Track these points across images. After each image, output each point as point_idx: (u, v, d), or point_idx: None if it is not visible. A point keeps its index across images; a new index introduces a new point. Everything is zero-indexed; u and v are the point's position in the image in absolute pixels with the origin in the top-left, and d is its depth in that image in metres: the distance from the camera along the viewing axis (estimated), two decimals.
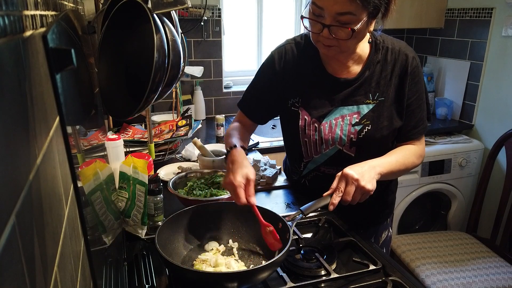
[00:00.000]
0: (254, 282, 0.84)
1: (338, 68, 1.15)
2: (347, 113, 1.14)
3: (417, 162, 1.16)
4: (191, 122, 1.74)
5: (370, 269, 0.93)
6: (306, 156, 1.22)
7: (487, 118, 2.43)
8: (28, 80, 0.40)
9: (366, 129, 1.12)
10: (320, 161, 1.20)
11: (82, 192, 0.57)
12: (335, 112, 1.15)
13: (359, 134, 1.12)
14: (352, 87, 1.13)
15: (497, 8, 2.30)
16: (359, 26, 0.97)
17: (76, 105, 0.61)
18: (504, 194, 2.04)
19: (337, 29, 0.99)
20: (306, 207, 1.00)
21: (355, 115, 1.13)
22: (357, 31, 0.98)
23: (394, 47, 1.13)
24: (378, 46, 1.13)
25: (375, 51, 1.13)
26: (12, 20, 0.36)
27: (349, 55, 1.12)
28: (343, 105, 1.14)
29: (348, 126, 1.13)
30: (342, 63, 1.14)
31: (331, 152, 1.17)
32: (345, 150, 1.15)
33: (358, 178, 0.97)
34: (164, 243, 0.92)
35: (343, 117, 1.14)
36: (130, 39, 0.93)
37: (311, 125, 1.16)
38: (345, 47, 1.04)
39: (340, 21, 0.97)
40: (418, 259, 1.91)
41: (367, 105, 1.13)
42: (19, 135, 0.35)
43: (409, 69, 1.11)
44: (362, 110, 1.13)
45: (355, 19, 0.97)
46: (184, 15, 2.28)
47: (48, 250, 0.41)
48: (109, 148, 1.11)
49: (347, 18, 0.96)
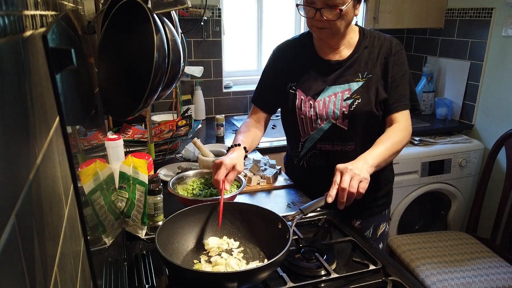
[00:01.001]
0: (254, 282, 0.84)
1: (329, 53, 1.31)
2: (339, 91, 1.28)
3: (404, 139, 1.23)
4: (191, 122, 1.73)
5: (370, 269, 0.93)
6: (303, 133, 1.34)
7: (487, 118, 2.43)
8: (28, 80, 0.40)
9: (357, 102, 1.25)
10: (316, 137, 1.31)
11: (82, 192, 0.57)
12: (328, 90, 1.29)
13: (350, 107, 1.25)
14: (343, 67, 1.28)
15: (497, 8, 2.30)
16: (345, 7, 1.15)
17: (76, 105, 0.61)
18: (504, 194, 2.04)
19: (327, 11, 1.16)
20: (305, 206, 1.02)
21: (346, 92, 1.27)
22: (344, 12, 1.16)
23: (380, 36, 1.30)
24: (366, 35, 1.30)
25: (363, 38, 1.29)
26: (12, 20, 0.36)
27: (339, 40, 1.28)
28: (335, 84, 1.29)
29: (340, 101, 1.26)
30: (333, 48, 1.30)
31: (326, 126, 1.29)
32: (339, 124, 1.27)
33: (351, 168, 1.04)
34: (164, 243, 0.92)
35: (336, 94, 1.28)
36: (130, 39, 0.93)
37: (306, 102, 1.30)
38: (336, 28, 1.20)
39: (329, 4, 1.15)
40: (418, 259, 1.91)
41: (357, 82, 1.27)
42: (19, 135, 0.35)
43: (392, 51, 1.26)
44: (352, 87, 1.27)
45: (341, 2, 1.15)
46: (184, 15, 2.28)
47: (48, 250, 0.41)
48: (109, 148, 1.11)
49: (334, 1, 1.15)
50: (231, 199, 1.19)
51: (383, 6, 2.38)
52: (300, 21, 2.82)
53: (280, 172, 1.57)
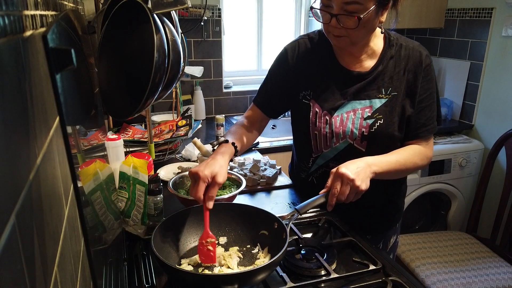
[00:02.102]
0: (253, 283, 0.84)
1: (351, 62, 1.15)
2: (359, 107, 1.13)
3: (420, 164, 1.14)
4: (191, 122, 1.73)
5: (370, 269, 0.93)
6: (315, 150, 1.20)
7: (487, 118, 2.43)
8: (28, 80, 0.40)
9: (378, 123, 1.11)
10: (330, 156, 1.18)
11: (82, 192, 0.57)
12: (347, 105, 1.14)
13: (371, 128, 1.11)
14: (365, 81, 1.13)
15: (497, 8, 2.30)
16: (365, 14, 0.99)
17: (76, 105, 0.61)
18: (504, 194, 2.04)
19: (345, 18, 1.01)
20: (301, 206, 1.01)
21: (367, 109, 1.12)
22: (364, 20, 1.00)
23: (408, 45, 1.14)
24: (392, 42, 1.14)
25: (388, 46, 1.14)
26: (12, 20, 0.36)
27: (362, 48, 1.13)
28: (355, 99, 1.14)
29: (360, 120, 1.12)
30: (355, 57, 1.14)
31: (341, 146, 1.15)
32: (356, 145, 1.14)
33: (353, 178, 0.96)
34: (161, 244, 0.92)
35: (355, 111, 1.13)
36: (130, 39, 0.93)
37: (322, 117, 1.16)
38: (355, 37, 1.05)
39: (347, 10, 1.00)
40: (418, 259, 1.91)
41: (380, 99, 1.12)
42: (19, 135, 0.35)
43: (423, 65, 1.12)
44: (374, 104, 1.12)
45: (361, 8, 0.99)
46: (184, 15, 2.28)
47: (48, 250, 0.41)
48: (109, 148, 1.11)
49: (354, 7, 0.99)
50: (231, 199, 1.19)
51: None
52: (300, 21, 2.81)
53: (280, 172, 1.57)
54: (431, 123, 1.15)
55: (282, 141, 2.16)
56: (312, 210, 1.19)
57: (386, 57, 1.13)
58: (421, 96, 1.12)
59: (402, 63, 1.13)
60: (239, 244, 1.02)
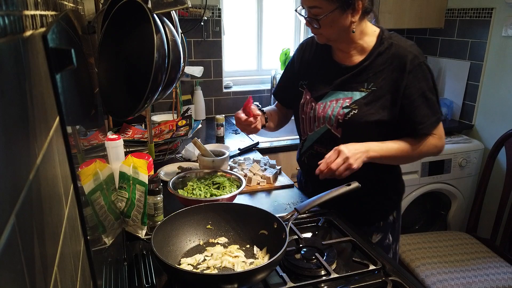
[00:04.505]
0: (253, 283, 0.84)
1: (342, 57, 1.27)
2: (341, 97, 1.25)
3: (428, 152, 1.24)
4: (191, 122, 1.73)
5: (370, 269, 0.93)
6: (303, 133, 1.37)
7: (487, 118, 2.43)
8: (28, 80, 0.40)
9: (353, 112, 1.21)
10: (313, 139, 1.33)
11: (82, 192, 0.57)
12: (332, 95, 1.27)
13: (345, 116, 1.22)
14: (350, 74, 1.24)
15: (497, 8, 2.30)
16: (323, 17, 1.14)
17: (76, 105, 0.61)
18: (504, 194, 2.04)
19: (311, 20, 1.18)
20: (301, 205, 1.03)
21: (347, 100, 1.24)
22: (328, 21, 1.15)
23: (399, 44, 1.21)
24: (383, 40, 1.22)
25: (379, 44, 1.22)
26: (12, 20, 0.36)
27: (349, 45, 1.24)
28: (340, 90, 1.26)
29: (339, 108, 1.24)
30: (345, 52, 1.26)
31: (322, 130, 1.29)
32: (333, 130, 1.26)
33: (348, 156, 1.10)
34: (161, 244, 0.92)
35: (338, 100, 1.25)
36: (130, 39, 0.93)
37: (309, 103, 1.31)
38: (328, 35, 1.21)
39: (312, 13, 1.17)
40: (418, 259, 1.91)
41: (360, 92, 1.22)
42: (19, 135, 0.35)
43: (407, 66, 1.17)
44: (354, 96, 1.23)
45: (321, 11, 1.14)
46: (184, 15, 2.28)
47: (48, 250, 0.41)
48: (109, 148, 1.11)
49: (315, 11, 1.15)
50: (231, 199, 1.19)
51: (383, 6, 2.38)
52: (300, 22, 2.81)
53: (280, 172, 1.57)
54: (426, 120, 1.19)
55: (282, 141, 2.16)
56: (312, 210, 1.19)
57: (374, 54, 1.22)
58: (413, 96, 1.18)
59: (389, 61, 1.20)
60: (239, 243, 1.02)
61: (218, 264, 0.93)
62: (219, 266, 0.93)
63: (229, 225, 1.05)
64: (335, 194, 1.09)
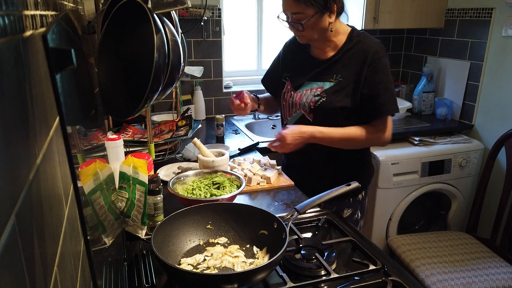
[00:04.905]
0: (253, 283, 0.84)
1: (318, 52, 1.49)
2: (315, 87, 1.46)
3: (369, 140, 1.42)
4: (191, 122, 1.73)
5: (370, 269, 0.93)
6: (284, 118, 1.59)
7: (487, 118, 2.43)
8: (28, 80, 0.40)
9: (322, 100, 1.43)
10: (291, 123, 1.53)
11: (82, 192, 0.57)
12: (308, 85, 1.48)
13: (316, 103, 1.44)
14: (322, 67, 1.45)
15: (497, 8, 2.30)
16: (307, 21, 1.34)
17: (76, 105, 0.61)
18: (504, 194, 2.04)
19: (295, 24, 1.37)
20: (301, 205, 1.03)
21: (319, 89, 1.45)
22: (309, 24, 1.35)
23: (365, 42, 1.40)
24: (352, 38, 1.42)
25: (348, 41, 1.43)
26: (12, 20, 0.36)
27: (324, 43, 1.45)
28: (313, 80, 1.47)
29: (312, 96, 1.45)
30: (321, 49, 1.47)
31: (298, 115, 1.51)
32: (306, 115, 1.48)
33: (285, 137, 1.38)
34: (161, 244, 0.92)
35: (312, 89, 1.46)
36: (130, 39, 0.93)
37: (289, 92, 1.53)
38: (309, 36, 1.40)
39: (295, 18, 1.36)
40: (418, 259, 1.91)
41: (330, 82, 1.43)
42: (19, 135, 0.35)
43: (368, 60, 1.37)
44: (325, 86, 1.44)
45: (303, 16, 1.34)
46: (184, 15, 2.28)
47: (48, 250, 0.41)
48: (109, 148, 1.11)
49: (298, 16, 1.35)
50: (231, 199, 1.19)
51: (383, 6, 2.38)
52: None
53: (280, 172, 1.57)
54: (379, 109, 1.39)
55: None
56: (312, 210, 1.19)
57: (344, 50, 1.42)
58: (371, 86, 1.38)
59: (355, 56, 1.40)
60: (239, 243, 1.02)
61: (218, 264, 0.93)
62: (219, 266, 0.93)
63: (229, 225, 1.05)
64: (335, 194, 1.10)
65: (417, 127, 2.45)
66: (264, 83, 1.74)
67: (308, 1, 1.31)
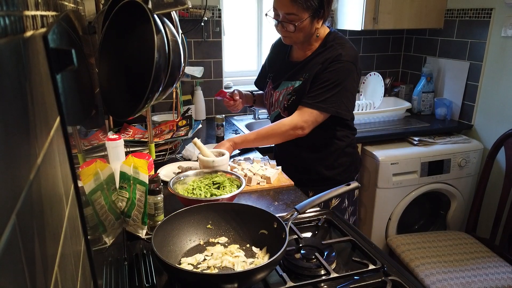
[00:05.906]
0: (253, 283, 0.85)
1: (297, 54, 1.60)
2: (289, 86, 1.58)
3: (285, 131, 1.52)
4: (191, 122, 1.73)
5: (370, 268, 0.93)
6: (268, 114, 1.74)
7: (487, 118, 2.44)
8: (29, 80, 0.40)
9: (292, 98, 1.55)
10: (271, 119, 1.70)
11: (83, 192, 0.57)
12: (284, 84, 1.60)
13: (288, 101, 1.57)
14: (296, 68, 1.57)
15: (497, 9, 2.30)
16: (300, 23, 1.40)
17: (76, 105, 0.61)
18: (504, 194, 2.04)
19: (287, 24, 1.43)
20: (301, 205, 1.03)
21: (291, 88, 1.56)
22: (301, 27, 1.41)
23: (336, 47, 1.48)
24: (327, 43, 1.51)
25: (323, 44, 1.51)
26: (12, 20, 0.36)
27: (304, 45, 1.54)
28: (288, 80, 1.59)
29: (286, 95, 1.58)
30: (300, 51, 1.58)
31: (276, 113, 1.66)
32: (282, 113, 1.61)
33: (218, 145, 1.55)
34: (161, 244, 0.92)
35: (287, 88, 1.59)
36: (130, 39, 0.94)
37: (269, 91, 1.68)
38: (295, 38, 1.48)
39: (287, 18, 1.41)
40: (417, 259, 1.91)
41: (299, 81, 1.54)
42: (19, 135, 0.36)
43: (328, 60, 1.46)
44: (295, 85, 1.55)
45: (297, 18, 1.39)
46: (185, 16, 2.28)
47: (48, 250, 0.41)
48: (110, 148, 1.11)
49: (292, 17, 1.40)
50: (231, 199, 1.19)
51: (383, 7, 2.38)
52: None
53: (280, 172, 1.57)
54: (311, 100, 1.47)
55: None
56: (312, 210, 1.19)
57: (316, 52, 1.51)
58: (314, 80, 1.48)
59: (323, 57, 1.48)
60: (239, 243, 1.02)
61: (218, 264, 0.93)
62: (219, 266, 0.93)
63: (229, 225, 1.05)
64: (335, 193, 1.10)
65: (417, 127, 2.45)
66: (256, 85, 1.87)
67: (305, 4, 1.36)
